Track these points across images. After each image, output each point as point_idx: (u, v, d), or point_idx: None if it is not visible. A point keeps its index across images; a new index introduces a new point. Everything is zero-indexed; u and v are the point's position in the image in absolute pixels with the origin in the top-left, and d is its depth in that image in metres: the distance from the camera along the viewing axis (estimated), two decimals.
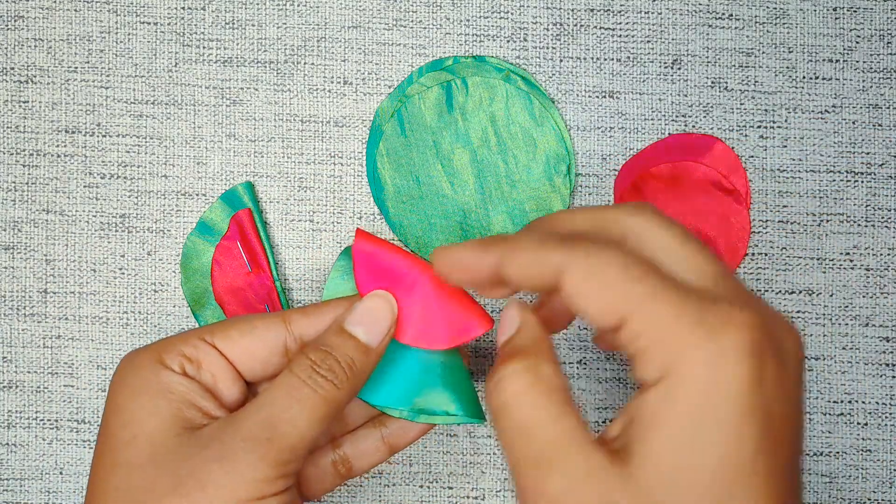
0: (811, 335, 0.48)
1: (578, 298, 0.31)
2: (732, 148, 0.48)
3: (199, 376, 0.37)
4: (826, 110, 0.48)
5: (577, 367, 0.48)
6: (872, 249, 0.48)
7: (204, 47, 0.48)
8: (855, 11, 0.48)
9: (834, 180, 0.48)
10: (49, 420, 0.47)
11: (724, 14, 0.48)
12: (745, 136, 0.48)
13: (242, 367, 0.37)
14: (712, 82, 0.48)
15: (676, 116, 0.48)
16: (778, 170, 0.48)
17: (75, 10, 0.48)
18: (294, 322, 0.38)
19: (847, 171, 0.48)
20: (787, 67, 0.48)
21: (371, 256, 0.39)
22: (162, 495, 0.34)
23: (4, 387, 0.47)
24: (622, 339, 0.31)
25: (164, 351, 0.36)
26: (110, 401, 0.36)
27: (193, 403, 0.36)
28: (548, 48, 0.48)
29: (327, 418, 0.35)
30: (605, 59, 0.48)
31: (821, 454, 0.47)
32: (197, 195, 0.48)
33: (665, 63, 0.48)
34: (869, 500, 0.47)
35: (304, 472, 0.40)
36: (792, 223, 0.48)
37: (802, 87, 0.48)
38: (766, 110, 0.48)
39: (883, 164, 0.48)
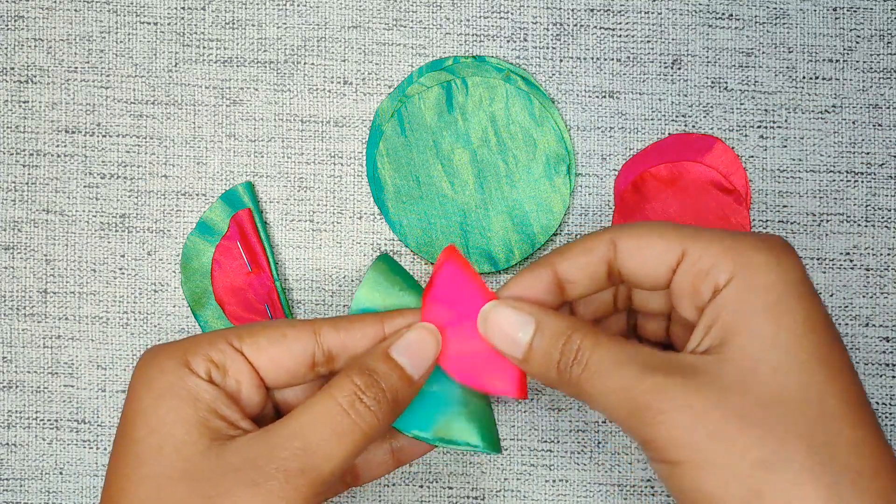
0: None
1: (637, 252, 0.36)
2: (732, 148, 0.48)
3: (225, 383, 0.36)
4: (826, 110, 0.48)
5: None
6: (872, 249, 0.48)
7: (204, 47, 0.48)
8: (855, 11, 0.48)
9: (834, 180, 0.48)
10: (49, 420, 0.47)
11: (724, 14, 0.48)
12: (745, 136, 0.48)
13: (267, 375, 0.36)
14: (712, 82, 0.48)
15: (676, 116, 0.48)
16: (778, 170, 0.48)
17: (75, 10, 0.48)
18: (324, 335, 0.37)
19: (847, 171, 0.48)
20: (787, 67, 0.48)
21: (455, 276, 0.38)
22: None
23: (4, 387, 0.47)
24: (681, 273, 0.35)
25: (190, 353, 0.35)
26: (132, 401, 0.35)
27: (219, 413, 0.35)
28: (548, 48, 0.48)
29: (362, 450, 0.35)
30: (605, 59, 0.48)
31: None
32: (197, 195, 0.48)
33: (665, 63, 0.48)
34: None
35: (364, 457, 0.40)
36: (792, 223, 0.48)
37: (802, 87, 0.48)
38: (766, 110, 0.48)
39: (883, 164, 0.48)
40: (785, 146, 0.48)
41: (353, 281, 0.48)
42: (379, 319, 0.38)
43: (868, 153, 0.48)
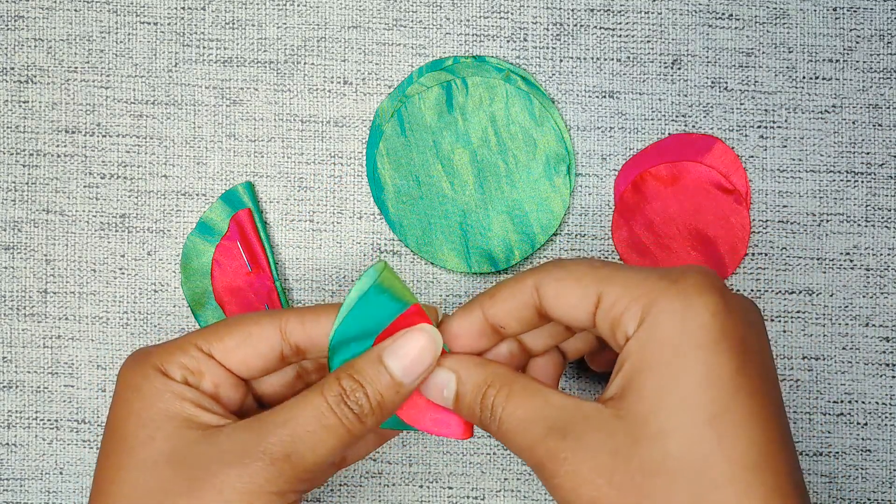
0: (811, 335, 0.48)
1: (557, 299, 0.36)
2: (732, 148, 0.48)
3: (202, 386, 0.37)
4: (826, 110, 0.48)
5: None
6: (872, 249, 0.48)
7: (204, 47, 0.48)
8: (855, 11, 0.48)
9: (834, 180, 0.48)
10: (49, 420, 0.47)
11: (724, 14, 0.48)
12: (745, 136, 0.48)
13: (241, 372, 0.37)
14: (712, 82, 0.48)
15: (676, 116, 0.48)
16: (778, 170, 0.48)
17: (75, 10, 0.48)
18: (290, 331, 0.37)
19: (847, 171, 0.48)
20: (787, 67, 0.48)
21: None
22: (177, 495, 0.34)
23: (4, 387, 0.47)
24: (599, 318, 0.35)
25: (166, 363, 0.36)
26: (121, 404, 0.36)
27: (204, 408, 0.36)
28: (548, 48, 0.48)
29: (346, 447, 0.36)
30: (605, 59, 0.48)
31: (821, 454, 0.47)
32: (197, 195, 0.48)
33: (665, 63, 0.48)
34: (869, 500, 0.47)
35: None
36: (792, 223, 0.48)
37: (802, 87, 0.48)
38: (766, 110, 0.48)
39: (883, 164, 0.48)
40: (785, 146, 0.48)
41: (352, 281, 0.48)
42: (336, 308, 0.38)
43: (868, 153, 0.48)
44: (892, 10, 0.48)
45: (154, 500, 0.34)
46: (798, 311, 0.48)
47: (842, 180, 0.48)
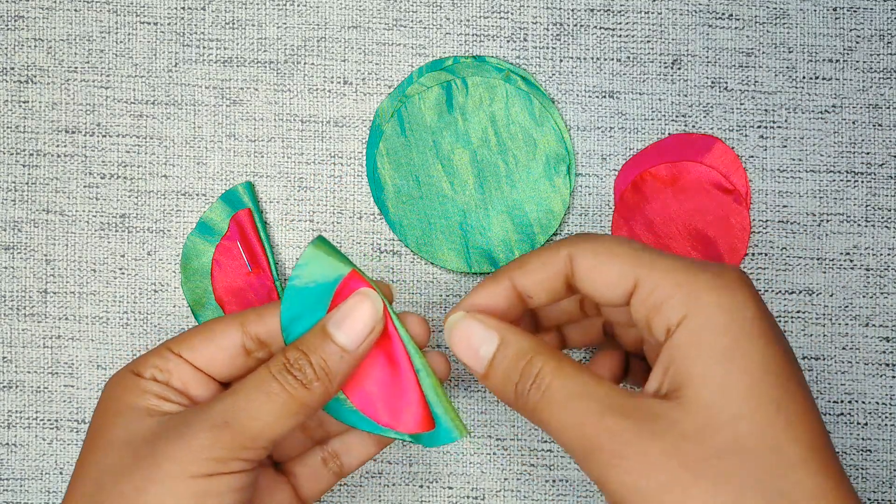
0: (811, 335, 0.48)
1: (592, 274, 0.35)
2: (732, 148, 0.48)
3: (171, 383, 0.38)
4: (826, 110, 0.48)
5: None
6: (872, 249, 0.48)
7: (204, 47, 0.48)
8: (855, 11, 0.48)
9: (834, 180, 0.48)
10: (49, 420, 0.47)
11: (724, 14, 0.48)
12: (745, 136, 0.48)
13: (211, 370, 0.38)
14: (712, 82, 0.48)
15: (676, 116, 0.48)
16: (778, 170, 0.48)
17: (75, 10, 0.48)
18: (249, 324, 0.38)
19: (847, 171, 0.48)
20: (787, 67, 0.48)
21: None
22: (122, 472, 0.35)
23: (4, 387, 0.47)
24: (636, 303, 0.35)
25: (140, 366, 0.38)
26: (96, 411, 0.38)
27: (168, 400, 0.37)
28: (548, 48, 0.48)
29: (295, 416, 0.36)
30: (605, 59, 0.48)
31: None
32: (197, 195, 0.48)
33: (665, 63, 0.48)
34: (869, 500, 0.47)
35: (295, 472, 0.41)
36: (792, 223, 0.48)
37: (802, 87, 0.48)
38: (766, 110, 0.48)
39: (883, 164, 0.48)
40: (785, 146, 0.48)
41: None
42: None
43: (868, 153, 0.48)
44: (892, 10, 0.48)
45: (108, 477, 0.35)
46: (798, 311, 0.48)
47: (842, 180, 0.48)
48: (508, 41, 0.48)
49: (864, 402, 0.47)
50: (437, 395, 0.38)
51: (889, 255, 0.48)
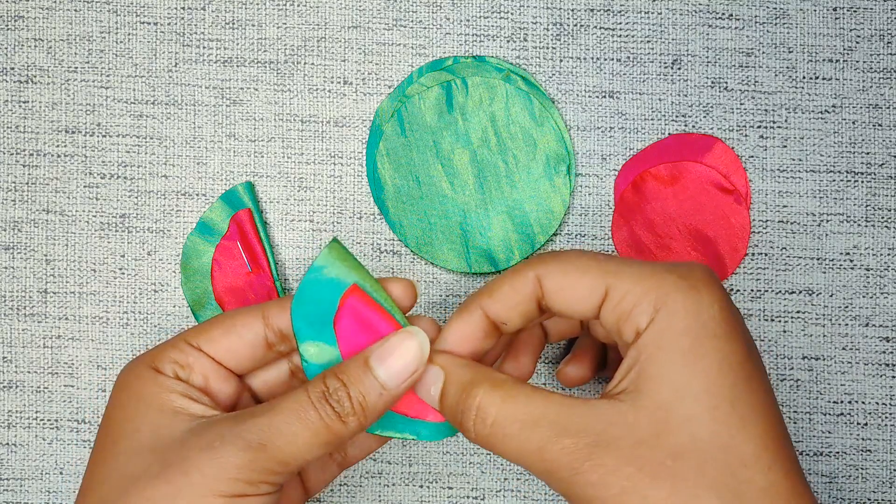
0: (811, 335, 0.48)
1: (563, 293, 0.36)
2: (732, 148, 0.48)
3: (191, 379, 0.37)
4: (826, 110, 0.48)
5: None
6: (872, 249, 0.48)
7: (204, 47, 0.48)
8: (855, 11, 0.48)
9: (834, 180, 0.48)
10: (49, 420, 0.47)
11: (724, 14, 0.48)
12: (745, 136, 0.48)
13: (230, 363, 0.38)
14: (712, 82, 0.48)
15: (676, 116, 0.48)
16: (778, 170, 0.48)
17: (75, 10, 0.48)
18: (272, 316, 0.38)
19: (847, 171, 0.48)
20: (787, 67, 0.48)
21: (359, 311, 0.38)
22: (149, 479, 0.34)
23: (4, 387, 0.47)
24: (605, 313, 0.35)
25: (157, 360, 0.37)
26: (114, 405, 0.37)
27: (193, 399, 0.36)
28: (548, 48, 0.48)
29: (327, 446, 0.35)
30: (605, 59, 0.48)
31: (821, 454, 0.47)
32: (197, 195, 0.48)
33: (665, 63, 0.48)
34: (869, 500, 0.47)
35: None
36: (792, 223, 0.48)
37: (802, 87, 0.48)
38: (766, 110, 0.48)
39: (883, 164, 0.48)
40: (785, 146, 0.48)
41: None
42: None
43: (868, 153, 0.48)
44: (892, 10, 0.48)
45: (132, 484, 0.34)
46: (798, 311, 0.48)
47: (842, 180, 0.48)
48: (508, 41, 0.48)
49: (864, 402, 0.47)
50: None
51: (889, 255, 0.48)
